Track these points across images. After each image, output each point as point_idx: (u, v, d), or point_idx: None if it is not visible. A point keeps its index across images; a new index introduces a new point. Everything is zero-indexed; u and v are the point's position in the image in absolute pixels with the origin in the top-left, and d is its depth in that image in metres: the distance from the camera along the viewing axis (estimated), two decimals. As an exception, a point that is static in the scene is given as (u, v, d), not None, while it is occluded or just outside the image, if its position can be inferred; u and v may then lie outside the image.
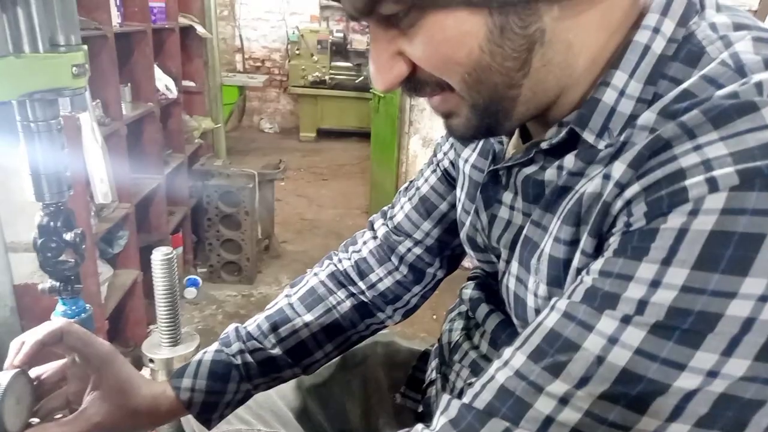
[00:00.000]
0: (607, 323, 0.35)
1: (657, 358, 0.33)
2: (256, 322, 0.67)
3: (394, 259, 0.69)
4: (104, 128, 1.62)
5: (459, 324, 0.64)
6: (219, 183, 2.37)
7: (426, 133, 2.78)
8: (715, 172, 0.32)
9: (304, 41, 5.18)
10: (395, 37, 0.41)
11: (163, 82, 2.14)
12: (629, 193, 0.36)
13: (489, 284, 0.62)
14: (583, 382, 0.34)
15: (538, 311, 0.45)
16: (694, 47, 0.39)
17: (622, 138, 0.39)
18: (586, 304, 0.36)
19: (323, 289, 0.69)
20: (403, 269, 0.69)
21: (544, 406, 0.35)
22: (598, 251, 0.39)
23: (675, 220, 0.33)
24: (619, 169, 0.37)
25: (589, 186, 0.40)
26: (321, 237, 3.12)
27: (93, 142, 0.68)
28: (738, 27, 0.39)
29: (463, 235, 0.60)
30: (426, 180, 0.68)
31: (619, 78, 0.40)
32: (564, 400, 0.35)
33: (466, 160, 0.60)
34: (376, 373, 0.76)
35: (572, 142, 0.43)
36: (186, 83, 2.54)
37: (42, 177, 0.51)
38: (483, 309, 0.59)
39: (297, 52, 5.21)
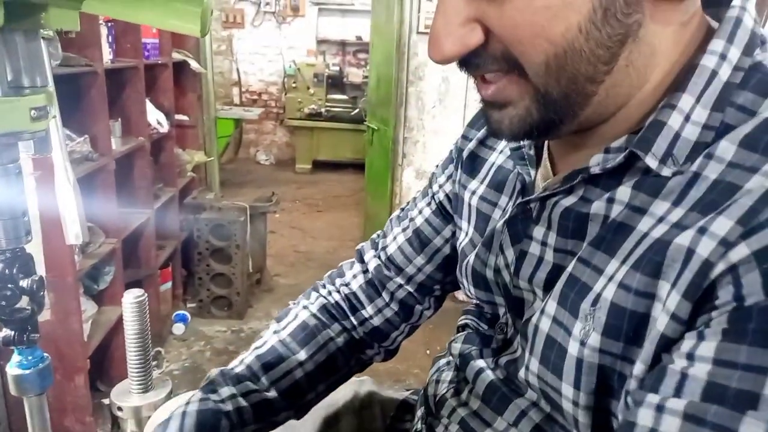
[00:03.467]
0: (753, 428, 0.29)
1: None
2: (245, 363, 0.61)
3: (385, 295, 0.66)
4: (92, 164, 1.61)
5: (447, 375, 0.60)
6: (210, 216, 2.36)
7: (419, 165, 2.80)
8: None
9: (300, 75, 5.25)
10: (477, 1, 0.36)
11: (154, 116, 2.14)
12: (735, 255, 0.31)
13: (481, 335, 0.58)
14: None
15: (581, 361, 0.39)
16: (764, 77, 0.37)
17: (694, 168, 0.36)
18: (716, 404, 0.30)
19: (316, 322, 0.64)
20: (394, 306, 0.66)
21: None
22: (692, 317, 0.33)
23: None
24: (723, 225, 0.32)
25: (676, 237, 0.35)
26: (314, 269, 3.08)
27: (65, 182, 0.67)
28: None
29: (467, 270, 0.56)
30: (420, 212, 0.65)
31: (685, 101, 0.38)
32: None
33: (473, 192, 0.57)
34: (351, 425, 0.72)
35: (623, 170, 0.40)
36: (179, 117, 2.55)
37: (-2, 223, 0.50)
38: (473, 367, 0.55)
39: (294, 85, 5.28)
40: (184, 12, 0.63)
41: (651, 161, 0.38)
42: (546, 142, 0.50)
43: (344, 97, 5.41)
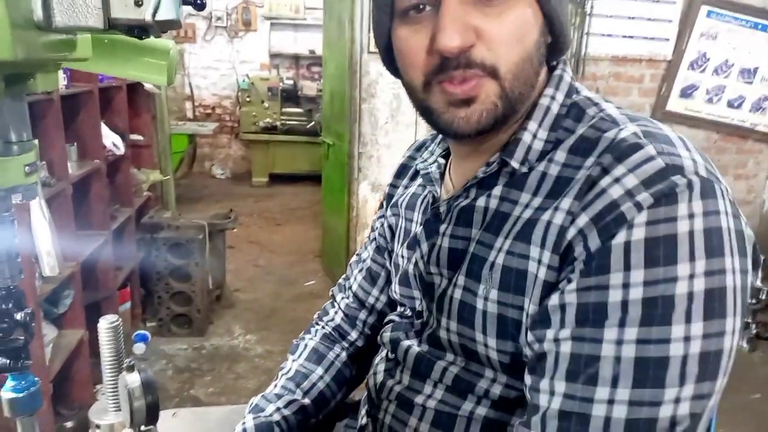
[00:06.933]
0: (611, 333, 0.46)
1: (651, 341, 0.44)
2: (279, 384, 0.79)
3: (359, 324, 0.84)
4: (50, 189, 1.63)
5: (381, 366, 0.72)
6: (168, 235, 2.38)
7: (374, 179, 2.89)
8: (638, 197, 0.46)
9: (254, 88, 5.28)
10: (475, 14, 0.52)
11: (110, 139, 2.16)
12: (581, 221, 0.49)
13: (405, 324, 0.72)
14: (614, 382, 0.45)
15: (485, 312, 0.56)
16: (578, 110, 0.58)
17: (541, 168, 0.56)
18: (588, 326, 0.47)
19: (323, 347, 0.84)
20: (368, 331, 0.84)
21: (599, 411, 0.46)
22: (561, 265, 0.50)
23: (620, 236, 0.46)
24: (567, 202, 0.51)
25: (540, 215, 0.53)
26: (273, 284, 3.13)
27: (41, 218, 0.71)
28: (601, 100, 0.60)
29: (397, 278, 0.72)
30: (369, 255, 0.84)
31: (532, 126, 0.58)
32: (611, 401, 0.45)
33: (410, 220, 0.73)
34: None
35: (497, 175, 0.59)
36: (134, 137, 2.57)
37: (-5, 264, 0.56)
38: (402, 346, 0.68)
39: (248, 99, 5.30)
40: (152, 65, 0.72)
41: (514, 163, 0.57)
42: (447, 167, 0.69)
43: (299, 110, 5.47)
